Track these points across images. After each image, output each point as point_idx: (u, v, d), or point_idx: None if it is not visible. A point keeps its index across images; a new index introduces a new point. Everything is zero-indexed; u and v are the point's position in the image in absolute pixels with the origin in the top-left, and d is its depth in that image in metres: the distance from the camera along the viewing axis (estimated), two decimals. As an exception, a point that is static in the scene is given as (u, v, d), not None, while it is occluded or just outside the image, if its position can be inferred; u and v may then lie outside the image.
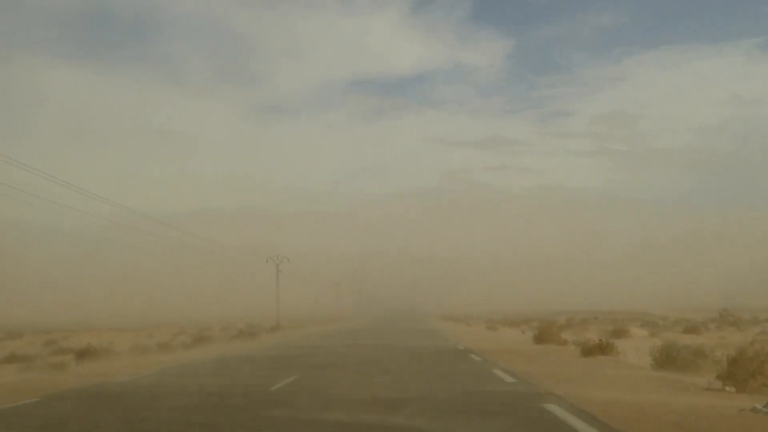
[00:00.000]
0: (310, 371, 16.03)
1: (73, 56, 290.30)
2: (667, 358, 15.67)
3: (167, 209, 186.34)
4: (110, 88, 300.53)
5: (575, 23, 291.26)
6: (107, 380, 14.91)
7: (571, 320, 60.94)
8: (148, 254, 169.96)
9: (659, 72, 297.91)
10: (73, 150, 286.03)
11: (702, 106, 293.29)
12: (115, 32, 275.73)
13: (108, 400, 11.69)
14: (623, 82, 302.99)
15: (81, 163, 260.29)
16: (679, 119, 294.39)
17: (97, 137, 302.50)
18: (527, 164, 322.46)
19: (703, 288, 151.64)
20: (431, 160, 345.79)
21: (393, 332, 43.66)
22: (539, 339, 26.97)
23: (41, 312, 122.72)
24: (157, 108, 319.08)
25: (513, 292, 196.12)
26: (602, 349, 18.88)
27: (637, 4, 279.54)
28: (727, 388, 11.04)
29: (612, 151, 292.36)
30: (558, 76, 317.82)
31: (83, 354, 22.36)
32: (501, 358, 18.87)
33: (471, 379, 13.81)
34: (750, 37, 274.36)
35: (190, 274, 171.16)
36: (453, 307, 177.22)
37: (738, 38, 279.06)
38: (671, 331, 39.61)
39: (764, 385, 10.76)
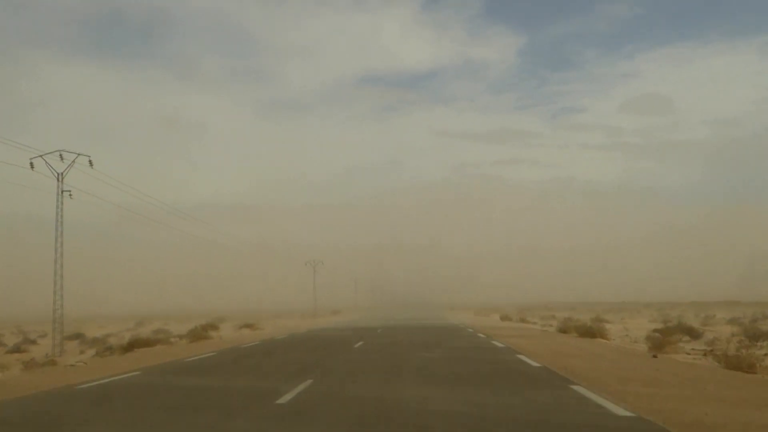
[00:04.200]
0: None
1: (89, 54, 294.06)
2: None
3: (179, 201, 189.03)
4: (124, 85, 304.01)
5: (587, 20, 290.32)
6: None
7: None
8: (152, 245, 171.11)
9: (671, 68, 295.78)
10: (89, 144, 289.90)
11: (716, 102, 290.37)
12: (129, 31, 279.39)
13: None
14: (635, 78, 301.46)
15: (96, 157, 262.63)
16: (694, 113, 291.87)
17: (111, 132, 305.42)
18: (539, 158, 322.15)
19: (717, 278, 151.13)
20: (442, 154, 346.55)
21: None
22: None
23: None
24: (168, 104, 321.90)
25: (525, 283, 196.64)
26: None
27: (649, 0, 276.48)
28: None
29: (624, 144, 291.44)
30: (570, 72, 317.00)
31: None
32: None
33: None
34: (764, 34, 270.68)
35: (201, 266, 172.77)
36: (465, 300, 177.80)
37: (752, 35, 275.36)
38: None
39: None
